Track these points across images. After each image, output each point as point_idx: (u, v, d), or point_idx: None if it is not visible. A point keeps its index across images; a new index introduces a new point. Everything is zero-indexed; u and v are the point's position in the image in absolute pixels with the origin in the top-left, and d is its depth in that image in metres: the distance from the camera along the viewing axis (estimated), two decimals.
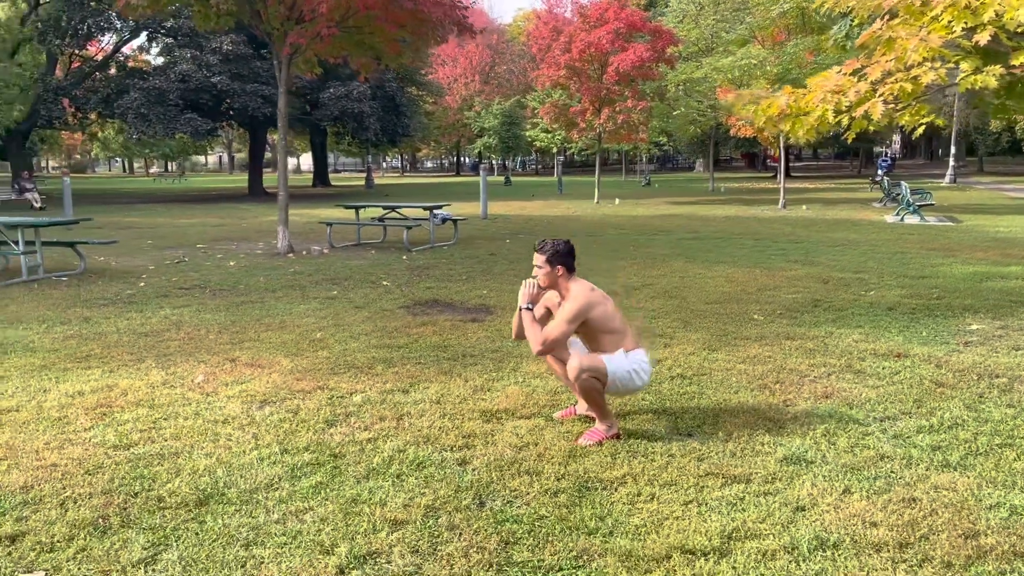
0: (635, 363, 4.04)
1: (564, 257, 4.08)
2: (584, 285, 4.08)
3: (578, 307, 3.97)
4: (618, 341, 4.07)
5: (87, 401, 4.60)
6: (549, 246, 4.09)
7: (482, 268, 10.24)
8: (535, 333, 3.99)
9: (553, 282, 4.10)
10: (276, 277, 9.62)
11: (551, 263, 4.07)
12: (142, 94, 25.90)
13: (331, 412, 4.41)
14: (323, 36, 10.78)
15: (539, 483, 3.48)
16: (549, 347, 3.97)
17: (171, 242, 14.07)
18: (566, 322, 3.95)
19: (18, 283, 9.13)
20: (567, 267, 4.09)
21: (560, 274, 4.08)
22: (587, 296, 4.01)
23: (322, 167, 41.98)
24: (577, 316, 3.96)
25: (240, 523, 3.06)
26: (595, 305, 4.01)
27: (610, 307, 4.08)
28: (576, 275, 4.16)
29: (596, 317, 4.01)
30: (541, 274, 4.10)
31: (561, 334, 3.96)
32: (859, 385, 4.88)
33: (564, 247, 4.10)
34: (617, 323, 4.09)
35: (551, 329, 3.97)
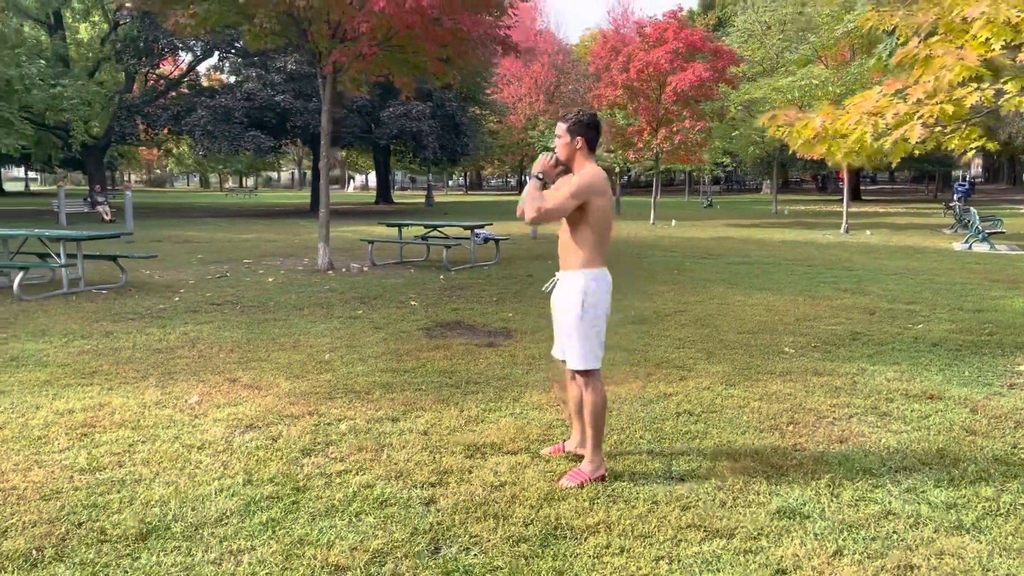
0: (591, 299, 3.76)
1: (586, 129, 3.76)
2: (598, 169, 3.75)
3: (586, 182, 3.65)
4: (598, 246, 3.75)
5: (74, 420, 4.55)
6: (573, 114, 3.79)
7: (515, 290, 10.04)
8: (533, 201, 3.68)
9: (571, 155, 3.78)
10: (308, 295, 9.60)
11: (571, 133, 3.75)
12: (209, 112, 26.62)
13: (311, 440, 4.26)
14: (365, 55, 10.80)
15: (504, 528, 3.25)
16: (543, 216, 3.67)
17: (220, 257, 14.27)
18: (569, 195, 3.64)
19: (58, 295, 9.31)
20: (588, 141, 3.76)
21: (579, 147, 3.75)
22: (600, 178, 3.69)
23: (384, 185, 42.48)
24: (581, 192, 3.64)
25: (174, 562, 2.91)
26: (602, 192, 3.69)
27: (610, 208, 3.79)
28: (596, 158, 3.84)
29: (599, 207, 3.69)
30: (560, 144, 3.79)
31: (559, 205, 3.65)
32: (881, 430, 4.50)
33: (589, 118, 3.79)
34: (606, 227, 3.78)
35: (551, 197, 3.68)
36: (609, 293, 3.87)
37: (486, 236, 13.64)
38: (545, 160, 3.83)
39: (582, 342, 3.78)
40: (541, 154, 3.88)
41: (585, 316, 3.77)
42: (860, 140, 6.15)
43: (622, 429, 4.50)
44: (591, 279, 3.79)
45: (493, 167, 76.55)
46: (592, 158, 3.83)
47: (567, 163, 3.84)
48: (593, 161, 3.82)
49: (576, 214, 3.74)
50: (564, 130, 3.80)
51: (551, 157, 3.84)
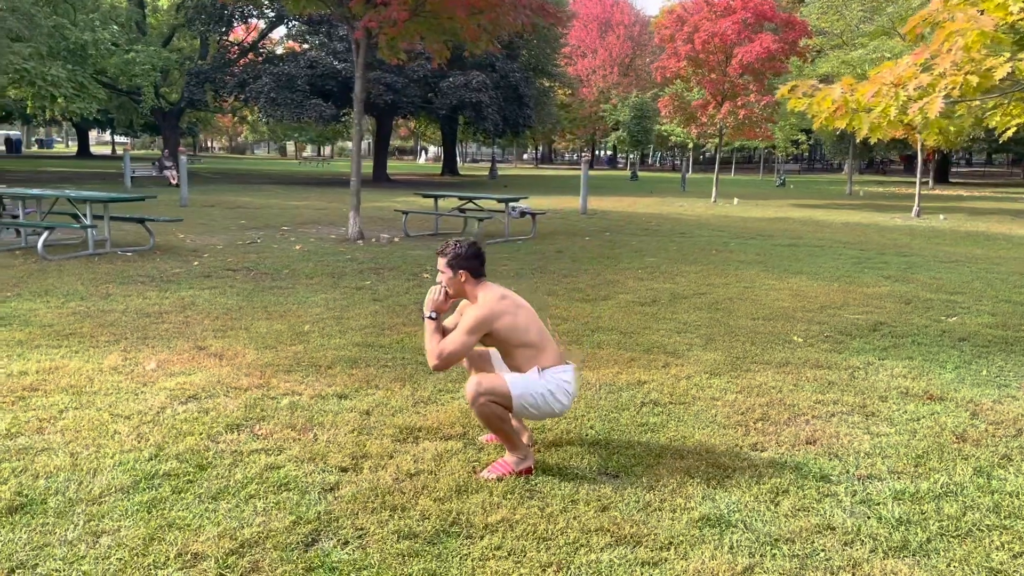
0: (552, 383, 3.48)
1: (466, 261, 3.57)
2: (493, 292, 3.57)
3: (479, 317, 3.46)
4: (533, 357, 3.52)
5: (21, 382, 4.50)
6: (451, 249, 3.59)
7: (538, 266, 9.74)
8: (433, 345, 3.51)
9: (459, 289, 3.61)
10: (325, 264, 9.50)
11: (452, 268, 3.58)
12: (272, 79, 26.89)
13: (244, 415, 4.10)
14: (396, 20, 10.56)
15: (396, 522, 3.01)
16: (445, 362, 3.47)
17: (261, 223, 14.36)
18: (465, 333, 3.45)
19: (82, 256, 9.44)
20: (472, 272, 3.58)
21: (464, 280, 3.58)
22: (491, 306, 3.49)
23: (450, 156, 42.41)
24: (477, 328, 3.45)
25: (28, 539, 2.77)
26: (500, 315, 3.48)
27: (522, 318, 3.54)
28: (488, 281, 3.65)
29: (502, 329, 3.48)
30: (445, 280, 3.61)
31: (459, 347, 3.46)
32: (859, 431, 4.08)
33: (467, 250, 3.59)
34: (532, 336, 3.53)
35: (449, 341, 3.49)
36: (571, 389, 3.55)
37: (522, 210, 13.34)
38: (433, 297, 3.60)
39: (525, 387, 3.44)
40: (430, 290, 3.63)
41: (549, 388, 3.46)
42: (885, 113, 5.65)
43: (575, 418, 4.19)
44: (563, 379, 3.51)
45: (565, 140, 75.75)
46: (482, 284, 3.62)
47: (457, 296, 3.64)
48: (484, 285, 3.62)
49: (493, 344, 3.57)
50: (445, 265, 3.60)
51: (440, 293, 3.60)
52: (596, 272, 9.30)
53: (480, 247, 3.65)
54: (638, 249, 11.56)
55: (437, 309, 3.59)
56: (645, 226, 15.54)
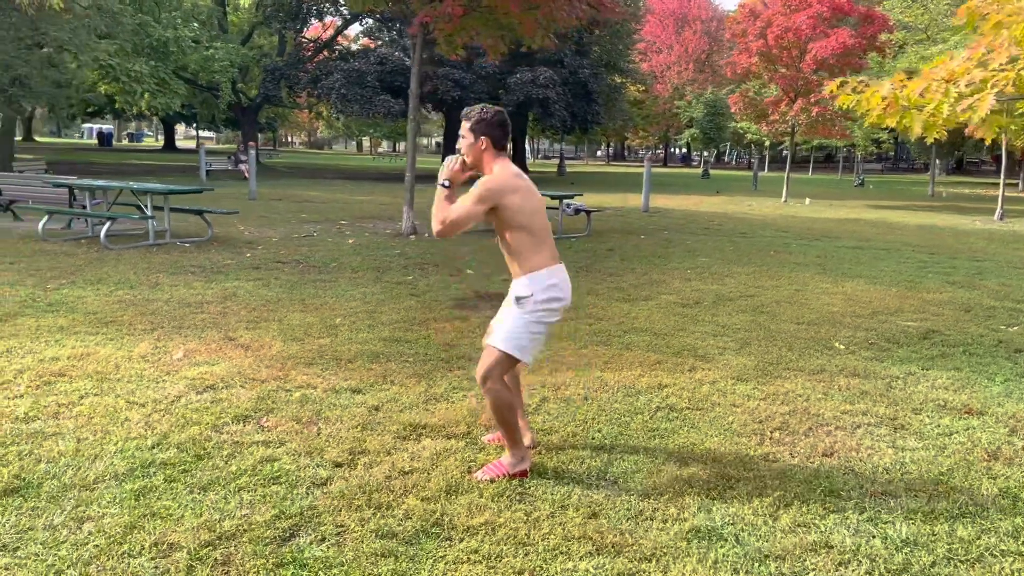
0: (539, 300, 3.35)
1: (489, 127, 3.38)
2: (509, 167, 3.39)
3: (490, 186, 3.29)
4: (531, 246, 3.36)
5: (50, 367, 4.65)
6: (476, 112, 3.42)
7: (585, 264, 9.62)
8: (439, 210, 3.36)
9: (478, 157, 3.41)
10: (373, 258, 9.59)
11: (474, 132, 3.39)
12: (343, 75, 27.34)
13: (254, 407, 4.14)
14: (451, 15, 10.57)
15: (379, 520, 2.98)
16: (447, 228, 3.32)
17: (321, 217, 14.60)
18: (472, 201, 3.29)
19: (142, 246, 9.75)
20: (494, 141, 3.39)
21: (484, 148, 3.38)
22: (505, 178, 3.33)
23: (519, 152, 42.37)
24: (485, 197, 3.28)
25: (15, 523, 2.84)
26: (512, 191, 3.32)
27: (534, 202, 3.39)
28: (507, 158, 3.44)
29: (510, 206, 3.31)
30: (464, 145, 3.43)
31: (464, 214, 3.30)
32: (884, 444, 3.88)
33: (493, 116, 3.40)
34: (536, 223, 3.38)
35: (455, 207, 3.33)
36: (560, 292, 3.44)
37: (577, 207, 13.22)
38: (450, 165, 3.47)
39: (512, 329, 3.40)
40: (447, 158, 3.52)
41: (525, 309, 3.38)
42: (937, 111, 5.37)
43: (583, 421, 4.10)
44: (536, 283, 3.39)
45: (638, 138, 74.94)
46: (501, 157, 3.44)
47: (475, 166, 3.48)
48: (503, 159, 3.44)
49: (496, 221, 3.40)
50: (467, 130, 3.43)
51: (457, 161, 3.48)
52: (643, 272, 9.13)
53: (506, 116, 3.48)
54: (692, 249, 11.31)
55: (452, 178, 3.43)
56: (706, 225, 15.21)
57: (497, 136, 3.40)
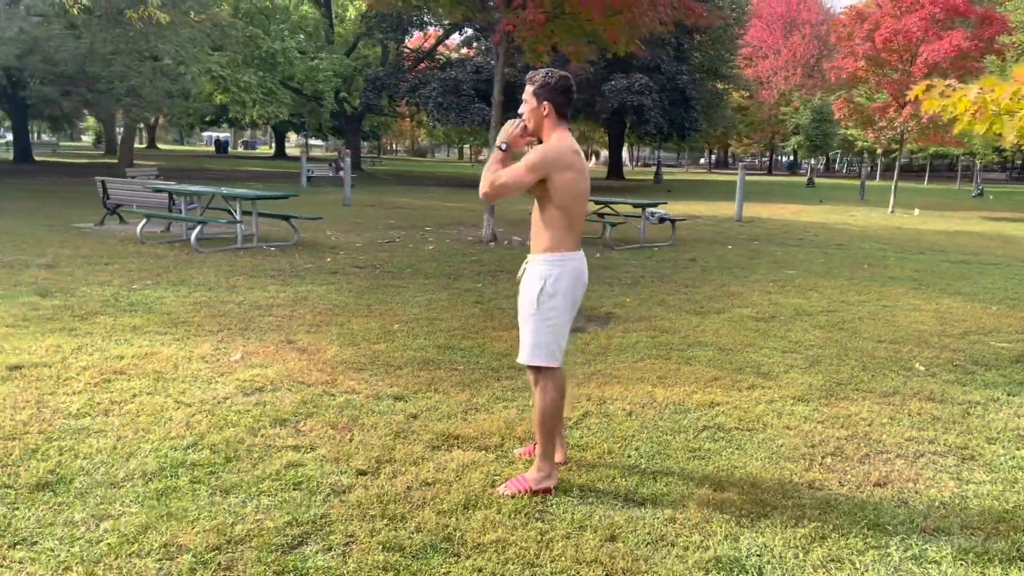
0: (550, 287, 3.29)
1: (553, 93, 3.27)
2: (569, 141, 3.27)
3: (545, 154, 3.18)
4: (566, 226, 3.28)
5: (113, 365, 4.83)
6: (540, 76, 3.31)
7: (660, 275, 9.39)
8: (490, 172, 3.26)
9: (539, 123, 3.30)
10: (448, 264, 9.63)
11: (537, 97, 3.28)
12: (440, 84, 27.76)
13: (295, 410, 4.18)
14: (533, 23, 10.55)
15: (389, 532, 2.94)
16: (495, 190, 3.23)
17: (407, 223, 14.81)
18: (527, 168, 3.18)
19: (230, 249, 10.11)
20: (556, 107, 3.27)
21: (546, 113, 3.27)
22: (561, 150, 3.21)
23: (616, 159, 42.06)
24: (539, 165, 3.17)
25: (39, 517, 2.93)
26: (566, 167, 3.20)
27: (581, 186, 3.27)
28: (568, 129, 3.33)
29: (564, 182, 3.20)
30: (527, 110, 3.33)
31: (514, 179, 3.19)
32: (947, 476, 3.58)
33: (558, 81, 3.28)
34: (579, 208, 3.29)
35: (506, 171, 3.23)
36: (576, 280, 3.36)
37: (661, 216, 12.94)
38: (510, 128, 3.38)
39: (533, 333, 3.34)
40: (508, 121, 3.43)
41: (541, 305, 3.31)
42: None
43: (622, 438, 3.96)
44: (553, 264, 3.31)
45: (742, 145, 73.18)
46: (562, 126, 3.31)
47: (535, 132, 3.37)
48: (564, 130, 3.31)
49: (540, 192, 3.27)
50: (530, 94, 3.31)
51: (517, 125, 3.38)
52: (721, 283, 8.83)
53: (572, 83, 3.34)
54: (780, 260, 10.89)
55: (510, 141, 3.34)
56: (800, 236, 14.64)
57: (560, 103, 3.28)
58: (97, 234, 11.36)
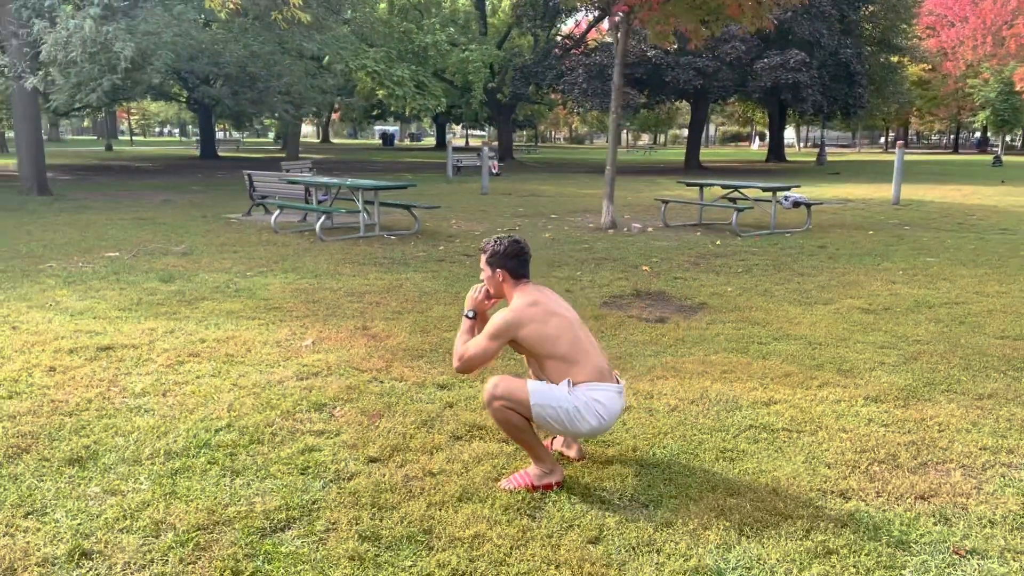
0: (580, 400, 3.14)
1: (504, 259, 3.34)
2: (526, 297, 3.29)
3: (503, 322, 3.22)
4: (565, 370, 3.20)
5: (190, 348, 5.14)
6: (489, 246, 3.38)
7: (777, 263, 8.87)
8: (459, 344, 3.35)
9: (499, 289, 3.40)
10: (556, 252, 9.56)
11: (491, 266, 3.37)
12: (585, 70, 27.54)
13: (338, 395, 4.28)
14: (649, 1, 10.22)
15: (372, 521, 2.94)
16: (465, 365, 3.29)
17: (535, 211, 14.83)
18: (487, 338, 3.24)
19: (351, 238, 10.52)
20: (510, 272, 3.34)
21: (502, 279, 3.36)
22: (517, 312, 3.23)
23: (777, 141, 40.15)
24: (498, 333, 3.22)
25: (60, 488, 3.15)
26: (525, 323, 3.20)
27: (552, 327, 3.21)
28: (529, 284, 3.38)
29: (527, 337, 3.21)
30: (485, 278, 3.43)
31: (479, 352, 3.25)
32: (1011, 492, 3.15)
33: (506, 247, 3.34)
34: (561, 348, 3.20)
35: (471, 345, 3.29)
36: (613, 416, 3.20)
37: (796, 199, 12.21)
38: (473, 296, 3.45)
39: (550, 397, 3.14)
40: (472, 287, 3.48)
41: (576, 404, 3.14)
42: None
43: (653, 435, 3.76)
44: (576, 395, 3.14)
45: (924, 122, 67.83)
46: (521, 285, 3.34)
47: (498, 296, 3.41)
48: (523, 289, 3.33)
49: (521, 351, 3.32)
50: (484, 263, 3.38)
51: (480, 291, 3.43)
52: (843, 272, 8.22)
53: (523, 246, 3.39)
54: (922, 247, 10.00)
55: (476, 308, 3.46)
56: (961, 220, 13.38)
57: (513, 267, 3.34)
58: (240, 224, 12.15)
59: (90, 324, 5.74)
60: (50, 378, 4.49)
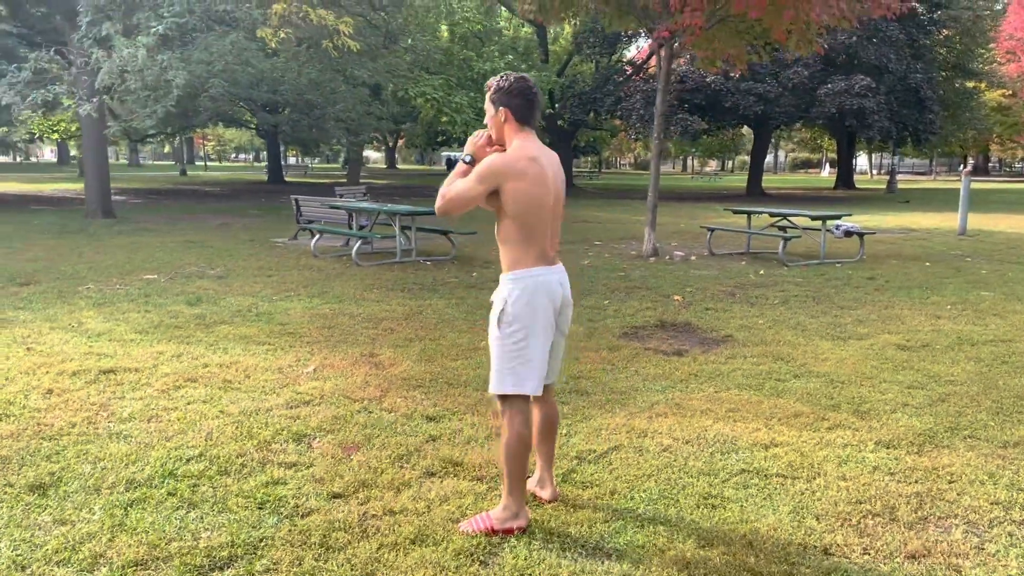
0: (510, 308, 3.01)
1: (509, 97, 3.02)
2: (527, 148, 2.99)
3: (494, 164, 2.94)
4: (523, 241, 3.00)
5: (191, 372, 5.13)
6: (495, 80, 3.08)
7: (818, 294, 8.49)
8: (446, 185, 3.08)
9: (499, 131, 3.07)
10: (589, 280, 9.36)
11: (494, 103, 3.05)
12: (643, 96, 27.31)
13: (321, 425, 4.18)
14: (693, 27, 10.02)
15: (312, 563, 2.82)
16: (445, 204, 3.05)
17: (580, 237, 14.65)
18: (474, 179, 2.97)
19: (387, 263, 10.52)
20: (514, 112, 3.02)
21: (504, 119, 3.03)
22: (514, 160, 2.95)
23: (846, 168, 39.10)
24: (485, 176, 2.94)
25: (11, 516, 3.11)
26: (517, 175, 2.93)
27: (536, 194, 2.96)
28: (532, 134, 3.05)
29: (510, 191, 2.93)
30: (488, 118, 3.12)
31: (461, 192, 2.99)
32: (1016, 553, 2.83)
33: (512, 83, 3.03)
34: (530, 218, 2.97)
35: (458, 183, 3.03)
36: (540, 299, 3.02)
37: (848, 228, 11.75)
38: (474, 140, 3.15)
39: (498, 359, 3.07)
40: (474, 132, 3.20)
41: (502, 328, 3.05)
42: None
43: (636, 477, 3.55)
44: (513, 283, 3.04)
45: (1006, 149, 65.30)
46: (525, 132, 3.04)
47: (499, 141, 3.11)
48: (525, 135, 3.03)
49: (497, 204, 3.02)
50: (488, 101, 3.08)
51: (483, 135, 3.14)
52: (885, 305, 7.82)
53: (531, 85, 3.06)
54: (980, 280, 9.48)
55: (475, 153, 3.12)
56: None
57: (517, 106, 3.02)
58: (284, 248, 12.30)
59: (103, 346, 5.79)
60: (45, 401, 4.51)
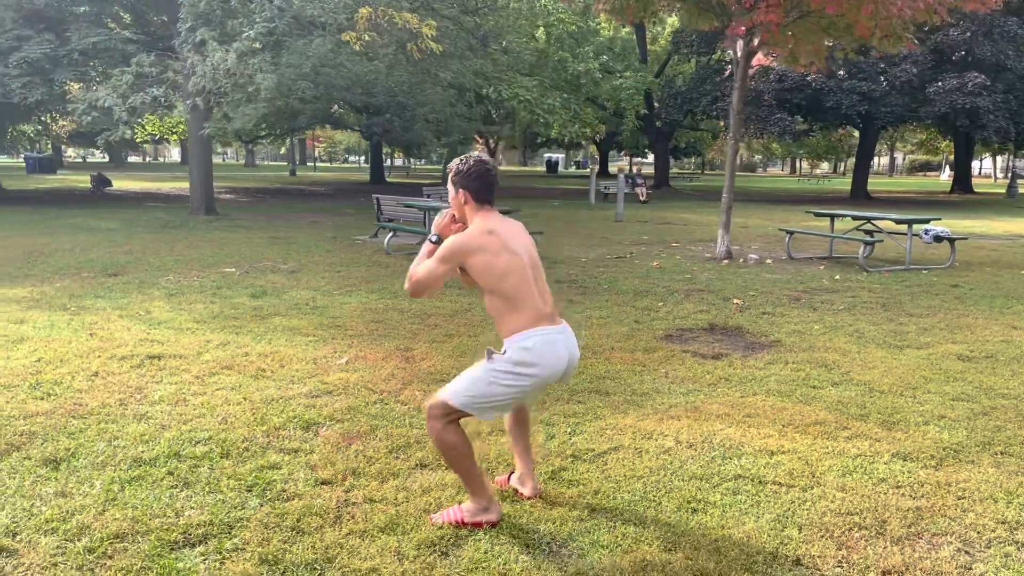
0: (503, 364, 3.00)
1: (467, 180, 3.09)
2: (484, 224, 3.05)
3: (453, 245, 3.01)
4: (504, 311, 3.03)
5: (231, 361, 5.34)
6: (455, 164, 3.16)
7: (890, 301, 8.09)
8: (413, 266, 3.15)
9: (461, 211, 3.15)
10: (654, 282, 9.22)
11: (455, 185, 3.13)
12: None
13: (332, 415, 4.29)
14: (767, 23, 9.72)
15: (280, 546, 2.90)
16: (414, 287, 3.11)
17: (658, 239, 14.43)
18: (437, 259, 3.04)
19: None
20: (472, 194, 3.09)
21: (464, 202, 3.11)
22: (471, 237, 3.01)
23: (963, 170, 36.99)
24: (447, 256, 3.02)
25: (20, 487, 3.32)
26: (476, 251, 2.98)
27: (502, 262, 2.98)
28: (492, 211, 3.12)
29: (475, 266, 2.99)
30: (450, 200, 3.20)
31: (427, 273, 3.06)
32: (1007, 573, 2.65)
33: (470, 167, 3.10)
34: (507, 286, 2.98)
35: (423, 266, 3.10)
36: (533, 357, 3.00)
37: (938, 234, 11.13)
38: (438, 219, 3.24)
39: (476, 383, 3.03)
40: (439, 212, 3.28)
41: (491, 366, 3.03)
42: None
43: (624, 478, 3.49)
44: (522, 341, 3.01)
45: None
46: (484, 210, 3.10)
47: (462, 220, 3.17)
48: (485, 213, 3.09)
49: (471, 280, 3.11)
50: (450, 183, 3.15)
51: (447, 215, 3.22)
52: (959, 314, 7.38)
53: (489, 167, 3.14)
54: None
55: (441, 232, 3.21)
56: None
57: (475, 188, 3.10)
58: (362, 245, 12.65)
59: (160, 334, 6.11)
60: (88, 383, 4.80)
